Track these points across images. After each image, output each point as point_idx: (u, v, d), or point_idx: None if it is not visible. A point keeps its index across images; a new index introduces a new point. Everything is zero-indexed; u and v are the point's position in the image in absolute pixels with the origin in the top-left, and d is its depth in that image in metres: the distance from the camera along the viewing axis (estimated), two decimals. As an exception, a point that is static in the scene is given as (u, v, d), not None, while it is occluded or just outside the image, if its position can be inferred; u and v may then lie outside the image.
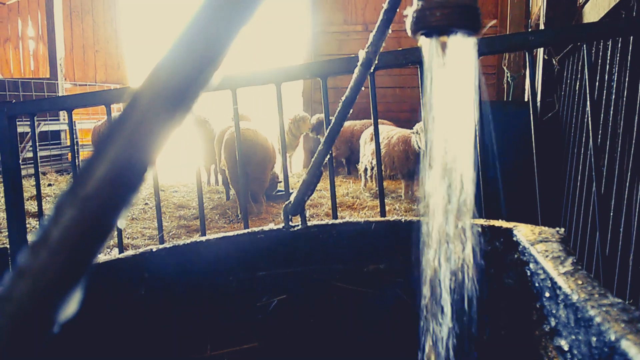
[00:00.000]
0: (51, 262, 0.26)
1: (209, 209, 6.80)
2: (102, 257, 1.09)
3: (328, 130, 1.13)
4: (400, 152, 7.01)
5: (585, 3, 3.87)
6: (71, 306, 0.28)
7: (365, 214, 6.51)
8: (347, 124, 8.59)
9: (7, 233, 5.45)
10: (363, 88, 1.11)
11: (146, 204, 7.36)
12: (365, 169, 7.71)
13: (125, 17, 13.05)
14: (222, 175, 7.30)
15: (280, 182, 7.19)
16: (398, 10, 0.89)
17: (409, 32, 0.63)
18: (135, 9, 13.62)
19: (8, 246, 2.64)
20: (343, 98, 1.10)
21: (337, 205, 6.58)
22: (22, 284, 0.27)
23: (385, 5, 0.92)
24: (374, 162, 7.34)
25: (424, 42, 0.62)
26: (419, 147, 6.66)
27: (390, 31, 0.98)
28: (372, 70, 1.06)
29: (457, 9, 0.59)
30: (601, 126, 2.57)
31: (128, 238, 5.52)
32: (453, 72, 0.62)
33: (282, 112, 2.43)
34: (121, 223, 0.28)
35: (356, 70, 1.04)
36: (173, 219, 6.31)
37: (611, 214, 2.26)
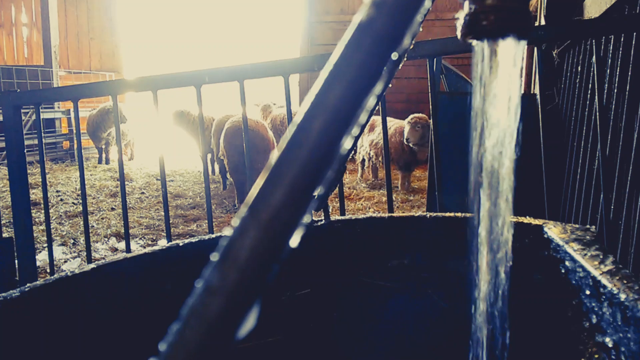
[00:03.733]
0: (241, 281, 0.28)
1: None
2: (134, 253, 1.10)
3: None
4: (397, 143, 7.01)
5: (586, -4, 3.88)
6: (250, 321, 0.29)
7: (362, 204, 6.54)
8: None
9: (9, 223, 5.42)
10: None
11: (142, 193, 7.35)
12: (363, 160, 7.72)
13: (120, 4, 12.91)
14: (220, 164, 7.29)
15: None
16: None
17: (459, 35, 0.64)
18: (130, -4, 13.48)
19: (13, 235, 2.63)
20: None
21: (333, 195, 6.61)
22: (214, 302, 0.28)
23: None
24: (372, 152, 7.35)
25: (475, 45, 0.63)
26: (407, 140, 6.65)
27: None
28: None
29: (511, 13, 0.60)
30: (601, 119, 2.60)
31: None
32: (503, 75, 0.63)
33: (289, 102, 2.44)
34: (293, 242, 0.30)
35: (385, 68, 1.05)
36: (170, 208, 6.29)
37: (612, 205, 2.29)
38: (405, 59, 1.04)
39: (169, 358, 0.28)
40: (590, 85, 3.14)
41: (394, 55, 0.29)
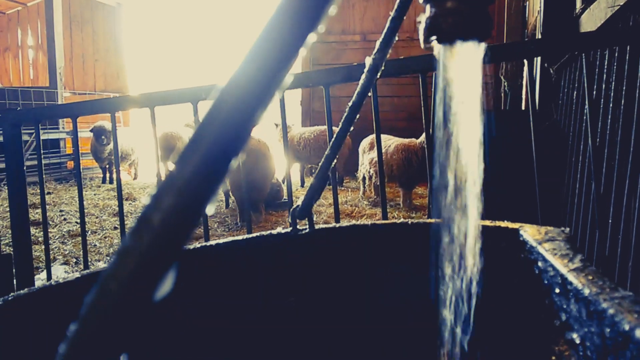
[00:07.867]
0: (154, 244, 0.29)
1: (207, 217, 6.80)
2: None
3: (335, 135, 1.15)
4: (398, 161, 7.03)
5: (581, 13, 3.92)
6: (166, 285, 0.31)
7: (364, 222, 6.54)
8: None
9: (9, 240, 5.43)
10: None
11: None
12: (364, 178, 7.73)
13: (125, 26, 13.11)
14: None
15: (278, 190, 7.21)
16: (408, 20, 0.91)
17: (421, 39, 0.65)
18: (135, 19, 13.71)
19: (12, 253, 2.65)
20: (350, 103, 1.13)
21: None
22: (127, 264, 0.29)
23: (392, 13, 0.94)
24: (372, 171, 7.37)
25: (436, 48, 0.64)
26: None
27: (397, 38, 1.00)
28: (378, 77, 1.09)
29: (469, 16, 0.62)
30: (599, 132, 2.60)
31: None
32: (464, 77, 0.64)
33: (285, 117, 2.46)
34: (209, 210, 0.31)
35: (363, 77, 1.07)
36: (172, 227, 6.30)
37: (610, 216, 2.29)
38: (379, 72, 1.06)
39: (85, 322, 0.29)
40: (587, 100, 3.15)
41: (311, 36, 0.31)
